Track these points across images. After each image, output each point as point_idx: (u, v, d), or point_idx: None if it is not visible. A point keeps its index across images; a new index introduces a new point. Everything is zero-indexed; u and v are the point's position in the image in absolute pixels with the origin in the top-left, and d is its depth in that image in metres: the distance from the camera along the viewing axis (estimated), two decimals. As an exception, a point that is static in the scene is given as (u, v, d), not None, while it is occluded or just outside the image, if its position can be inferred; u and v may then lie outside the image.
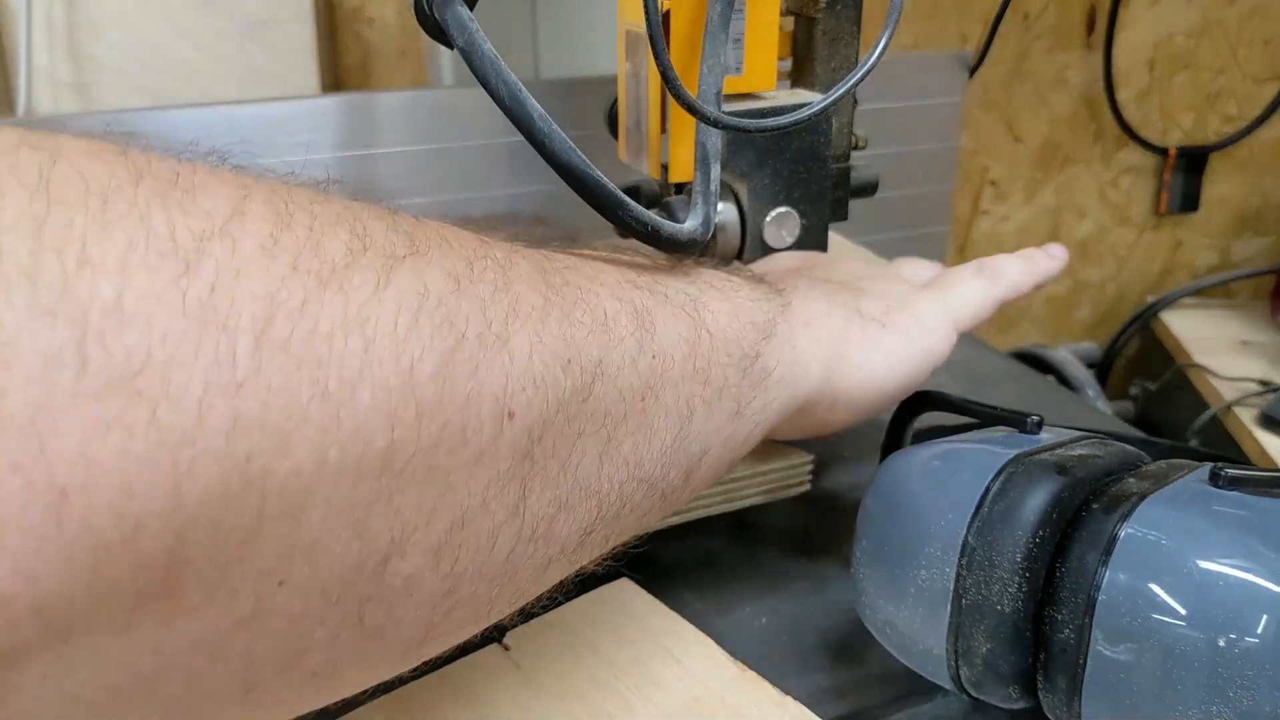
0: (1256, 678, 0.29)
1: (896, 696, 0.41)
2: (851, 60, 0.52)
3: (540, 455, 0.26)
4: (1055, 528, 0.34)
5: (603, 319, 0.30)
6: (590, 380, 0.28)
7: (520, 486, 0.26)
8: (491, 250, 0.28)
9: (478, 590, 0.26)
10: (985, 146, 1.22)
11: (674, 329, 0.32)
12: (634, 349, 0.30)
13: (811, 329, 0.39)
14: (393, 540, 0.22)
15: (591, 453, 0.28)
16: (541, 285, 0.29)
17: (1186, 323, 1.23)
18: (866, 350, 0.41)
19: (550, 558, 0.29)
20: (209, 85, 0.92)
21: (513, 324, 0.26)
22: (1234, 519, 0.31)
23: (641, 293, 0.32)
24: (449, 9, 0.43)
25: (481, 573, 0.26)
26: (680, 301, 0.34)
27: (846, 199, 0.55)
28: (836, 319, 0.40)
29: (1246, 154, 1.30)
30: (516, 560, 0.27)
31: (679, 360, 0.32)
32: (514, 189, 0.70)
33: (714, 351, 0.34)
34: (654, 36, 0.42)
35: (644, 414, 0.31)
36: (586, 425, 0.28)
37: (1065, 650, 0.33)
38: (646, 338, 0.31)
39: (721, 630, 0.44)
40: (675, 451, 0.32)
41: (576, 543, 0.30)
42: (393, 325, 0.22)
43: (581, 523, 0.29)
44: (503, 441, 0.25)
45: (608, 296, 0.31)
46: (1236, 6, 1.22)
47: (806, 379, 0.39)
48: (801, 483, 0.51)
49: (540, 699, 0.37)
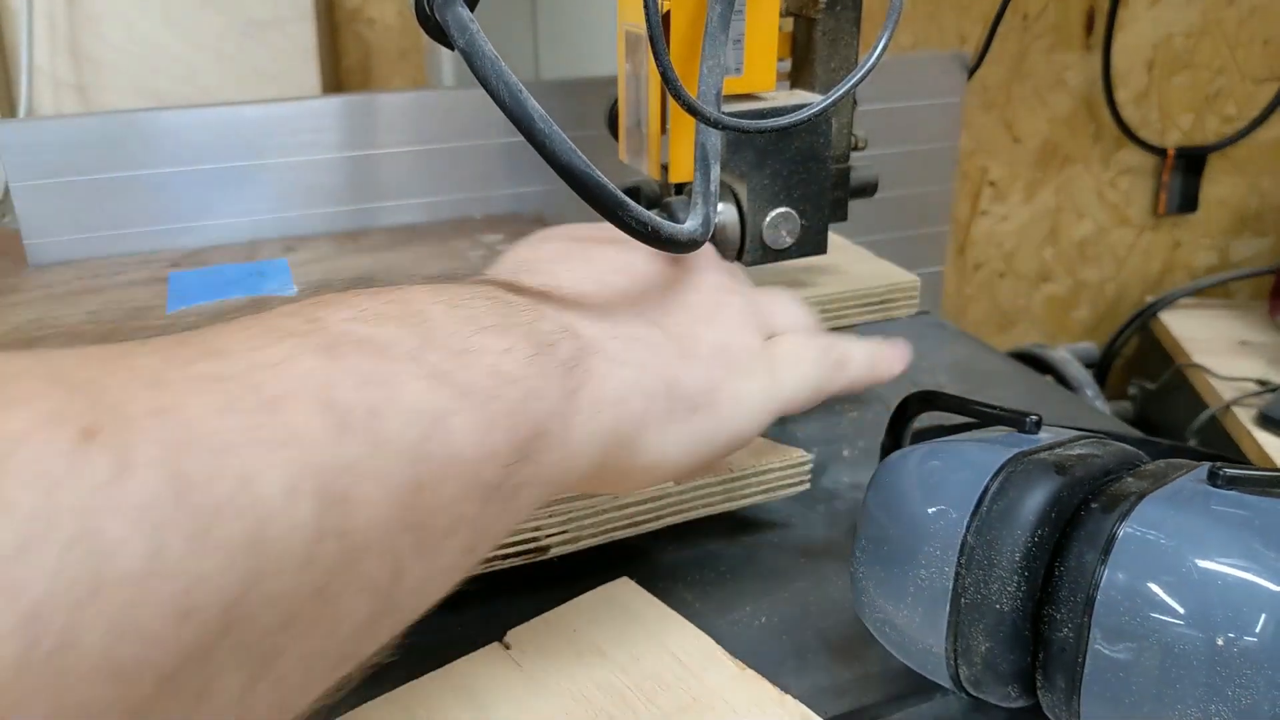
0: (1255, 677, 0.29)
1: (896, 695, 0.41)
2: (851, 61, 0.52)
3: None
4: (1054, 527, 0.34)
5: (256, 518, 0.23)
6: (226, 624, 0.22)
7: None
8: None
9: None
10: (984, 147, 1.22)
11: (381, 483, 0.26)
12: (307, 539, 0.24)
13: (601, 416, 0.34)
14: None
15: (233, 686, 0.23)
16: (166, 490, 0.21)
17: (1185, 323, 1.24)
18: (665, 436, 0.36)
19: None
20: (210, 85, 0.93)
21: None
22: (1232, 518, 0.32)
23: (347, 439, 0.25)
24: (450, 10, 0.43)
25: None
26: (404, 431, 0.27)
27: (846, 199, 0.55)
28: (637, 402, 0.35)
29: (1245, 154, 1.31)
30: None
31: (381, 520, 0.26)
32: (514, 189, 0.70)
33: (440, 494, 0.28)
34: (654, 37, 0.42)
35: (321, 609, 0.25)
36: (225, 663, 0.23)
37: (1064, 649, 0.33)
38: (331, 515, 0.25)
39: (721, 629, 0.44)
40: (374, 623, 0.28)
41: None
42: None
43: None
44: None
45: (280, 461, 0.24)
46: (1235, 7, 1.22)
47: (576, 470, 0.34)
48: (801, 482, 0.51)
49: (541, 697, 0.37)
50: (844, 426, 0.62)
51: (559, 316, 0.35)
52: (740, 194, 0.49)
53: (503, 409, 0.30)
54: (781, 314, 0.44)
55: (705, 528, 0.50)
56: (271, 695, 0.25)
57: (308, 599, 0.24)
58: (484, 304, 0.33)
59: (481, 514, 0.30)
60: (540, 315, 0.34)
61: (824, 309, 0.60)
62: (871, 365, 0.44)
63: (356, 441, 0.26)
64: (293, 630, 0.24)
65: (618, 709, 0.37)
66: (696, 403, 0.37)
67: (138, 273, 0.58)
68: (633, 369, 0.35)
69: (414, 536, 0.27)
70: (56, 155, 0.60)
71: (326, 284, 0.32)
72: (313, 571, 0.24)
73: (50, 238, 0.61)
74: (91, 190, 0.61)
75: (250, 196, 0.64)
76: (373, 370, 0.27)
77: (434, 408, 0.28)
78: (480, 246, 0.61)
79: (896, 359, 0.45)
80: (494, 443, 0.30)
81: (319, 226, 0.66)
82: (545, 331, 0.33)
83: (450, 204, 0.69)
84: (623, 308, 0.38)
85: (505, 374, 0.31)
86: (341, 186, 0.66)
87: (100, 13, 0.89)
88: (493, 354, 0.31)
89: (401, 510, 0.27)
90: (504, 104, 0.40)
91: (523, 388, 0.31)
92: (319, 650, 0.26)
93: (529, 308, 0.34)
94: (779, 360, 0.41)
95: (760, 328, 0.42)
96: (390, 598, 0.28)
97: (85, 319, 0.50)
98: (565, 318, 0.35)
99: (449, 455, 0.28)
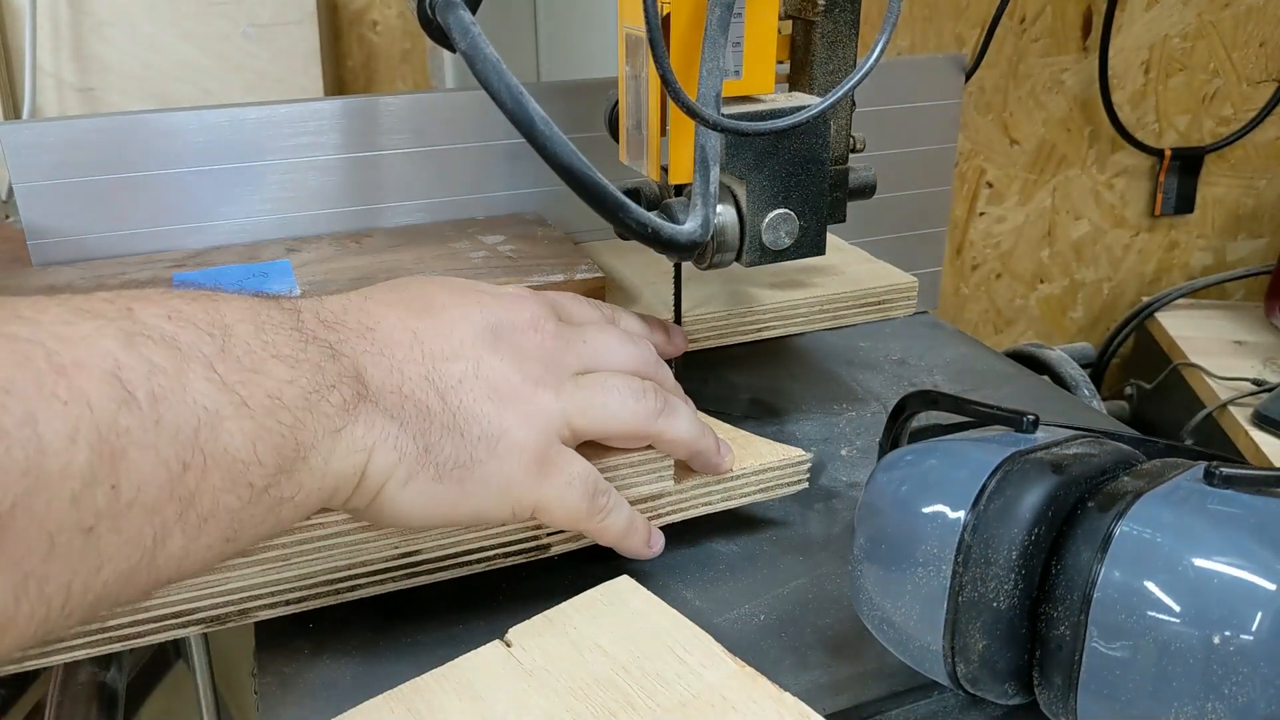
0: (1251, 674, 0.29)
1: (894, 692, 0.41)
2: (849, 63, 0.53)
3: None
4: (1051, 525, 0.34)
5: (36, 449, 0.28)
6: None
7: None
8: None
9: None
10: (982, 148, 1.22)
11: (154, 454, 0.31)
12: (82, 480, 0.29)
13: (354, 458, 0.38)
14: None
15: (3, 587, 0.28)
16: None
17: (1181, 323, 1.24)
18: (406, 491, 0.39)
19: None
20: (214, 88, 0.93)
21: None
22: (1228, 517, 0.32)
23: (128, 411, 0.31)
24: (451, 13, 0.43)
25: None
26: (181, 418, 0.32)
27: (844, 200, 0.55)
28: (388, 455, 0.38)
29: (1241, 155, 1.31)
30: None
31: (149, 485, 0.31)
32: (515, 190, 0.70)
33: (207, 479, 0.33)
34: (654, 40, 0.43)
35: (86, 546, 0.30)
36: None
37: (1061, 647, 0.33)
38: (104, 466, 0.30)
39: (720, 627, 0.45)
40: (134, 574, 0.32)
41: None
42: None
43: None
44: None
45: (62, 413, 0.29)
46: (1231, 9, 1.23)
47: (334, 499, 0.39)
48: (799, 480, 0.51)
49: (542, 694, 0.38)
50: (842, 426, 0.63)
51: (354, 360, 0.39)
52: (739, 195, 0.49)
53: (273, 427, 0.35)
54: (600, 413, 0.44)
55: (705, 526, 0.51)
56: (33, 610, 0.29)
57: (74, 533, 0.29)
58: (287, 334, 0.37)
59: (244, 510, 0.35)
60: (335, 355, 0.38)
61: (823, 309, 0.61)
62: (627, 532, 0.45)
63: (137, 416, 0.31)
64: (56, 559, 0.29)
65: (618, 706, 0.37)
66: (444, 473, 0.40)
67: (141, 273, 0.58)
68: (396, 425, 0.39)
69: (178, 508, 0.32)
70: (60, 156, 0.60)
71: (328, 284, 0.35)
72: (81, 511, 0.29)
73: (54, 238, 0.61)
74: (95, 191, 0.61)
75: (253, 198, 0.64)
76: (165, 363, 0.32)
77: (213, 407, 0.33)
78: (481, 247, 0.62)
79: (647, 542, 0.46)
80: (261, 452, 0.34)
81: (321, 227, 0.66)
82: (330, 373, 0.37)
83: (451, 205, 0.69)
84: (422, 367, 0.41)
85: (281, 401, 0.35)
86: (343, 188, 0.66)
87: (104, 15, 0.89)
88: (276, 381, 0.35)
89: (169, 482, 0.32)
90: (505, 106, 0.41)
91: (292, 417, 0.35)
92: (81, 584, 0.30)
93: (327, 347, 0.38)
94: (556, 468, 0.42)
95: (561, 429, 0.43)
96: (152, 557, 0.32)
97: (89, 319, 0.50)
98: (360, 362, 0.39)
99: (218, 450, 0.33)
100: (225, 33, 0.92)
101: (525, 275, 0.56)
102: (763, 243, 0.49)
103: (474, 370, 0.41)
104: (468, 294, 0.44)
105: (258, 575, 0.41)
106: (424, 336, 0.41)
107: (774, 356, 0.71)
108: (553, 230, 0.65)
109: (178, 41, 0.91)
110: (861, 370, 0.70)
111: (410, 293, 0.44)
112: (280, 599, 0.42)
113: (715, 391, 0.66)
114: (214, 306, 0.36)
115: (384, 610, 0.45)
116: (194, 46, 0.92)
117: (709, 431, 0.48)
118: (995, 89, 1.20)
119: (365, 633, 0.45)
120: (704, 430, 0.47)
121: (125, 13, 0.89)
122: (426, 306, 0.43)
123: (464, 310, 0.43)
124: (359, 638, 0.44)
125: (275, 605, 0.42)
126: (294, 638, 0.44)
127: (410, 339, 0.41)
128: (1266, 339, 1.17)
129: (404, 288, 0.44)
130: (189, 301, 0.35)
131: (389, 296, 0.43)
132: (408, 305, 0.42)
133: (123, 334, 0.32)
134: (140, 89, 0.91)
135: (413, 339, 0.41)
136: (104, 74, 0.90)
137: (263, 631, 0.44)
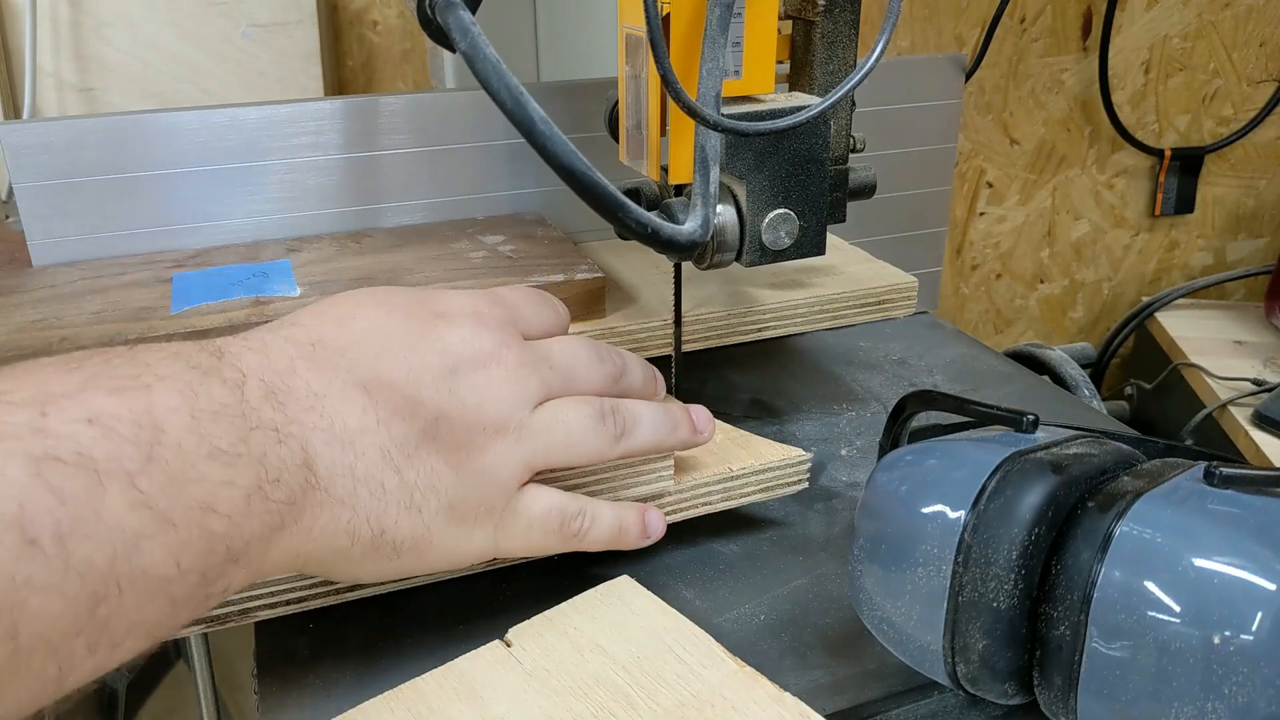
0: (1251, 674, 0.29)
1: (893, 692, 0.41)
2: (849, 63, 0.53)
3: None
4: (1051, 525, 0.34)
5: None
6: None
7: None
8: None
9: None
10: (982, 149, 1.22)
11: (60, 596, 0.28)
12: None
13: (300, 548, 0.36)
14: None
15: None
16: None
17: (1181, 323, 1.24)
18: (360, 569, 0.39)
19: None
20: (214, 88, 0.93)
21: None
22: (1228, 517, 0.32)
23: (30, 559, 0.27)
24: (451, 13, 0.43)
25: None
26: (93, 553, 0.29)
27: (844, 200, 0.55)
28: (340, 540, 0.37)
29: (1241, 155, 1.31)
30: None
31: (54, 628, 0.28)
32: (515, 190, 0.70)
33: (122, 605, 0.30)
34: (654, 40, 0.43)
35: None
36: None
37: (1061, 647, 0.33)
38: (3, 620, 0.27)
39: (720, 627, 0.45)
40: (40, 700, 0.30)
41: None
42: None
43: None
44: None
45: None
46: (1231, 9, 1.23)
47: (275, 575, 0.38)
48: (799, 480, 0.51)
49: (542, 694, 0.38)
50: (842, 426, 0.63)
51: (302, 442, 0.36)
52: (739, 195, 0.49)
53: (200, 537, 0.32)
54: (561, 453, 0.42)
55: (705, 526, 0.51)
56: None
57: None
58: (228, 422, 0.33)
59: (165, 618, 0.32)
60: (282, 439, 0.35)
61: (823, 309, 0.61)
62: (617, 536, 0.44)
63: (39, 562, 0.28)
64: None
65: (618, 705, 0.37)
66: (402, 550, 0.39)
67: (141, 273, 0.58)
68: (348, 511, 0.37)
69: (87, 640, 0.29)
70: (60, 156, 0.60)
71: (327, 284, 0.33)
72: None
73: (54, 238, 0.61)
74: (95, 191, 0.61)
75: (253, 198, 0.64)
76: (77, 489, 0.29)
77: (132, 529, 0.30)
78: (481, 247, 0.62)
79: (643, 534, 0.45)
80: (187, 566, 0.31)
81: (321, 227, 0.66)
82: (275, 464, 0.34)
83: (451, 205, 0.69)
84: (377, 436, 0.38)
85: (215, 507, 0.32)
86: (343, 188, 0.66)
87: (104, 15, 0.89)
88: (211, 484, 0.32)
89: (77, 620, 0.29)
90: (505, 106, 0.41)
91: (227, 523, 0.33)
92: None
93: (273, 431, 0.35)
94: (515, 515, 0.41)
95: (521, 475, 0.41)
96: (59, 686, 0.30)
97: (89, 319, 0.50)
98: (310, 443, 0.36)
99: (136, 574, 0.30)
100: (225, 33, 0.92)
101: (525, 275, 0.56)
102: (763, 243, 0.49)
103: (432, 429, 0.39)
104: (422, 325, 0.40)
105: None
106: (378, 395, 0.38)
107: (774, 356, 0.71)
108: (553, 230, 0.65)
109: (178, 41, 0.91)
110: (861, 370, 0.70)
111: (358, 327, 0.40)
112: (280, 599, 0.42)
113: (715, 391, 0.66)
114: (144, 397, 0.32)
115: (384, 610, 0.45)
116: (194, 46, 0.92)
117: (678, 423, 0.46)
118: (995, 89, 1.20)
119: (365, 633, 0.45)
120: (672, 426, 0.45)
121: (125, 13, 0.89)
122: (380, 350, 0.39)
123: (419, 355, 0.39)
124: (359, 638, 0.44)
125: (275, 605, 0.42)
126: (294, 638, 0.44)
127: (363, 402, 0.38)
128: (1266, 339, 1.17)
129: (351, 319, 0.40)
130: (114, 392, 0.31)
131: (339, 338, 0.39)
132: (359, 350, 0.39)
133: (30, 460, 0.28)
134: (140, 89, 0.91)
135: (365, 401, 0.38)
136: (104, 74, 0.90)
137: (263, 631, 0.44)
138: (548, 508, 0.42)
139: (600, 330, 0.55)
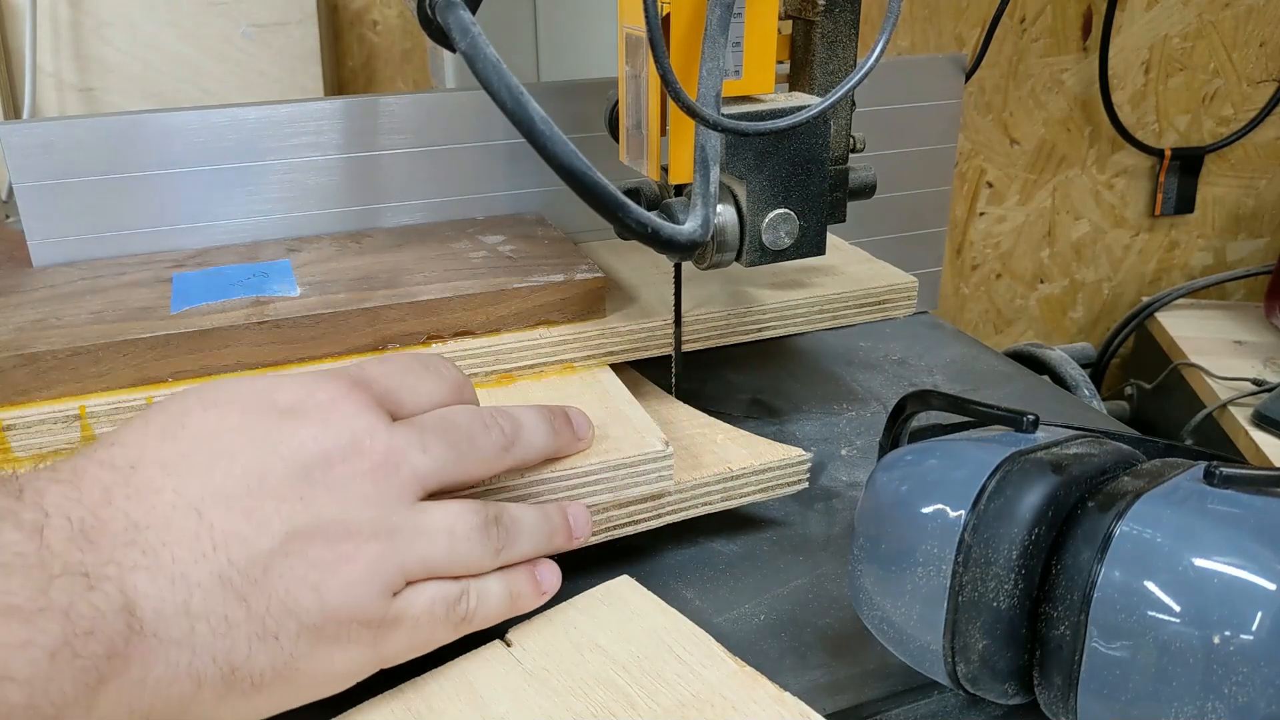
0: (1252, 674, 0.29)
1: (893, 692, 0.41)
2: (849, 63, 0.53)
3: None
4: (1051, 525, 0.34)
5: None
6: None
7: None
8: None
9: None
10: (982, 148, 1.22)
11: None
12: None
13: (136, 702, 0.31)
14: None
15: None
16: None
17: (1181, 323, 1.24)
18: (218, 711, 0.34)
19: None
20: (214, 88, 0.93)
21: None
22: (1228, 517, 0.32)
23: None
24: (451, 13, 0.43)
25: None
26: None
27: (844, 200, 0.55)
28: (184, 686, 0.32)
29: (1241, 155, 1.31)
30: None
31: None
32: (515, 190, 0.70)
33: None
34: (654, 39, 0.43)
35: None
36: None
37: (1061, 647, 0.33)
38: None
39: (720, 627, 0.45)
40: None
41: None
42: None
43: None
44: None
45: None
46: (1231, 9, 1.23)
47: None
48: (799, 480, 0.51)
49: (542, 694, 0.38)
50: (842, 426, 0.63)
51: (120, 584, 0.31)
52: (739, 195, 0.49)
53: (44, 677, 0.28)
54: (444, 561, 0.38)
55: (705, 526, 0.51)
56: None
57: None
58: (22, 574, 0.30)
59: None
60: (94, 584, 0.31)
61: (823, 309, 0.61)
62: (510, 604, 0.40)
63: None
64: None
65: (618, 705, 0.37)
66: (263, 683, 0.34)
67: (141, 273, 0.58)
68: (187, 653, 0.32)
69: None
70: (60, 156, 0.60)
71: (327, 284, 0.31)
72: None
73: (54, 238, 0.61)
74: (95, 191, 0.61)
75: (253, 198, 0.64)
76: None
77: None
78: (481, 247, 0.62)
79: (538, 594, 0.41)
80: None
81: (321, 227, 0.66)
82: (87, 613, 0.30)
83: (451, 205, 0.69)
84: (214, 563, 0.33)
85: (11, 674, 0.28)
86: (343, 188, 0.66)
87: (104, 15, 0.89)
88: (4, 648, 0.28)
89: None
90: (505, 106, 0.41)
91: (27, 691, 0.29)
92: None
93: (81, 577, 0.31)
94: (396, 624, 0.37)
95: (396, 583, 0.37)
96: None
97: (89, 319, 0.50)
98: (131, 583, 0.32)
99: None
100: (225, 33, 0.92)
101: (525, 275, 0.56)
102: (763, 243, 0.49)
103: (284, 547, 0.34)
104: (263, 423, 0.36)
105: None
106: (212, 514, 0.34)
107: (774, 356, 0.71)
108: (553, 230, 0.65)
109: (177, 41, 0.91)
110: (861, 370, 0.70)
111: (185, 437, 0.35)
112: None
113: (715, 391, 0.66)
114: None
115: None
116: (194, 46, 0.92)
117: (555, 531, 0.42)
118: (995, 89, 1.20)
119: (365, 633, 0.44)
120: (549, 535, 0.42)
121: (125, 13, 0.89)
122: (214, 457, 0.35)
123: (263, 456, 0.35)
124: (359, 638, 0.44)
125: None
126: (294, 638, 0.44)
127: (195, 524, 0.33)
128: (1266, 339, 1.17)
129: (181, 425, 0.36)
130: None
131: (164, 450, 0.35)
132: (188, 462, 0.34)
133: None
134: (140, 89, 0.91)
135: (198, 523, 0.33)
136: (104, 74, 0.90)
137: (263, 631, 0.44)
138: (430, 600, 0.37)
139: (600, 330, 0.55)
